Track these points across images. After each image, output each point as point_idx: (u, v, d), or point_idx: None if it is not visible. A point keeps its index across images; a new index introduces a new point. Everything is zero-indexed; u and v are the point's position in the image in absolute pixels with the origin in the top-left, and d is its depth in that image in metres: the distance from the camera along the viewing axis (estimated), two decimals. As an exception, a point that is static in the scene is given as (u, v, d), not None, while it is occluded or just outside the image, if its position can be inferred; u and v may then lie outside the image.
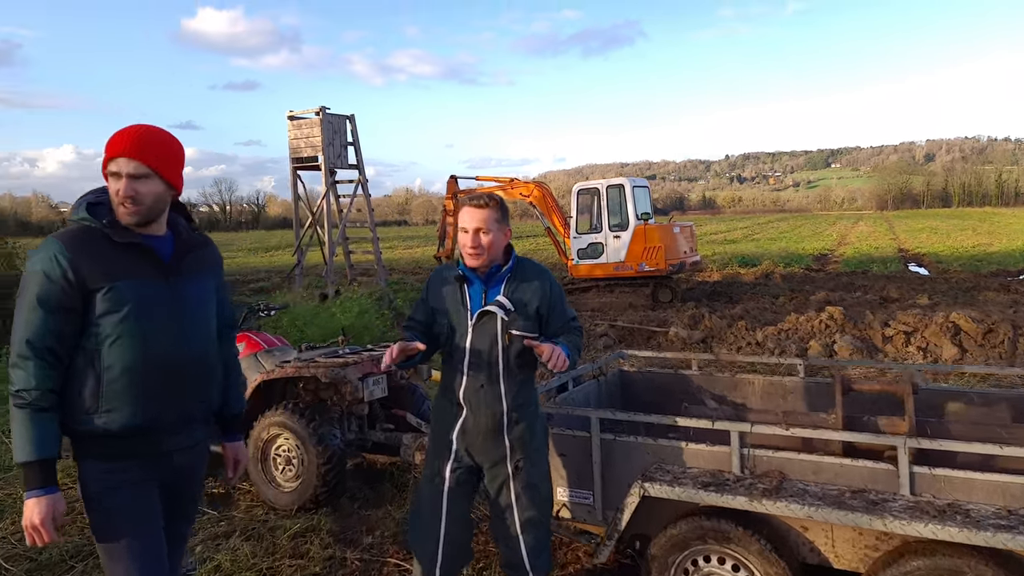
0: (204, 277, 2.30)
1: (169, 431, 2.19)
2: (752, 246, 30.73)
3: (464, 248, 2.65)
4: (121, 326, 2.05)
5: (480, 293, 2.66)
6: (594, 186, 14.18)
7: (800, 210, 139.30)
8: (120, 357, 2.05)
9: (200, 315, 2.26)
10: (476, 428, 2.68)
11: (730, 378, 4.43)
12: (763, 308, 12.81)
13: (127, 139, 2.08)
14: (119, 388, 2.06)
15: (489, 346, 2.64)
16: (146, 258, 2.13)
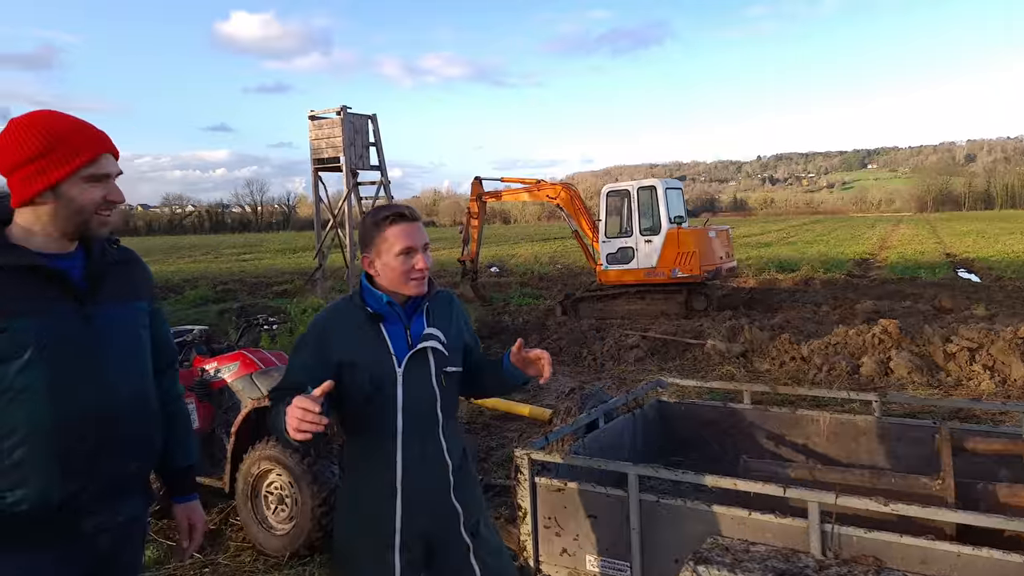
0: (130, 303, 1.82)
1: (93, 508, 1.70)
2: (788, 250, 29.69)
3: (404, 275, 2.02)
4: (21, 377, 1.58)
5: (402, 331, 2.06)
6: (624, 188, 13.51)
7: (835, 212, 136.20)
8: (23, 418, 1.59)
9: (129, 351, 1.79)
10: (422, 504, 2.05)
11: (790, 414, 3.80)
12: (805, 318, 12.05)
13: (99, 132, 1.71)
14: (24, 457, 1.60)
15: (424, 396, 2.05)
16: (51, 284, 1.65)
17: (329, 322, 2.06)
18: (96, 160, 1.67)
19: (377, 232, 2.03)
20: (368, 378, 1.98)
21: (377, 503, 2.02)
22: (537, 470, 2.95)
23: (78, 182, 1.65)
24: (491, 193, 15.13)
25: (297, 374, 1.99)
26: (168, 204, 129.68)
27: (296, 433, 1.69)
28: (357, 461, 2.07)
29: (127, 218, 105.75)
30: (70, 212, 1.65)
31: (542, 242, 40.83)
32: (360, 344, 2.01)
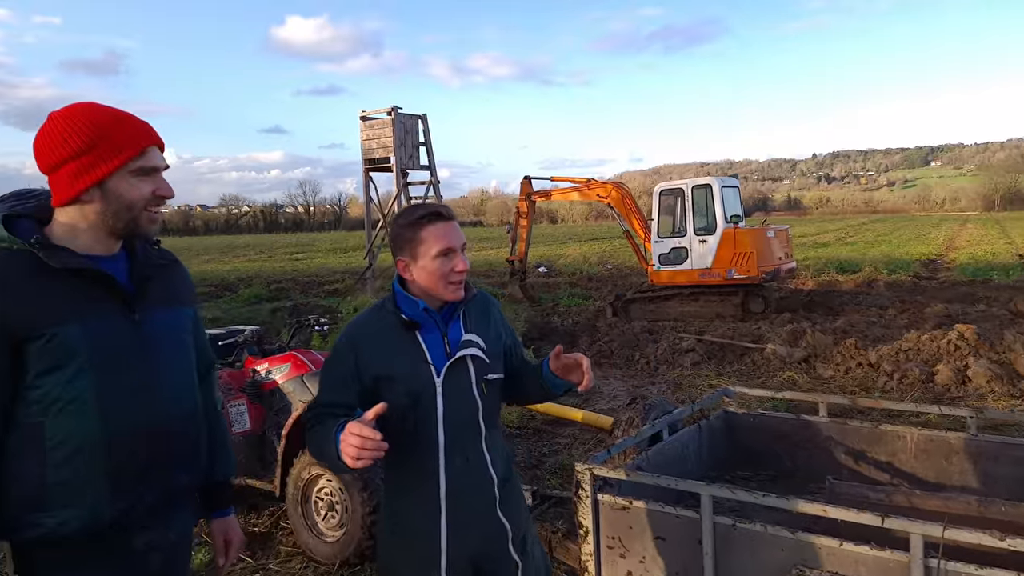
0: (176, 307, 1.73)
1: (145, 525, 1.61)
2: (848, 250, 28.66)
3: (443, 278, 1.87)
4: (71, 387, 1.48)
5: (440, 339, 1.91)
6: (678, 186, 13.15)
7: (895, 211, 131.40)
8: (73, 430, 1.49)
9: (178, 359, 1.69)
10: (468, 521, 1.91)
11: (872, 429, 3.51)
12: (870, 322, 11.51)
13: (143, 124, 1.60)
14: (74, 474, 1.49)
15: (465, 407, 1.91)
16: (99, 287, 1.55)
17: (362, 333, 1.91)
18: (144, 153, 1.57)
19: (412, 233, 1.88)
20: (406, 390, 1.84)
21: (421, 521, 1.88)
22: (599, 485, 2.75)
23: (126, 177, 1.55)
24: (540, 192, 14.94)
25: (334, 391, 1.87)
26: (225, 204, 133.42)
27: (355, 462, 1.58)
28: (397, 477, 1.92)
29: (187, 218, 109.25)
30: (119, 209, 1.55)
31: (590, 242, 40.42)
32: (396, 354, 1.87)
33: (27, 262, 1.48)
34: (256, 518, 4.41)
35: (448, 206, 1.98)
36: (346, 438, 1.58)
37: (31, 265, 1.48)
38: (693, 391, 7.64)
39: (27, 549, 1.52)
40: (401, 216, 1.93)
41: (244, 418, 4.30)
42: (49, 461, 1.48)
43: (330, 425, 1.71)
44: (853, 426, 3.54)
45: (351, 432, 1.58)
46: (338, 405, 1.83)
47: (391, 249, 1.95)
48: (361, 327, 1.93)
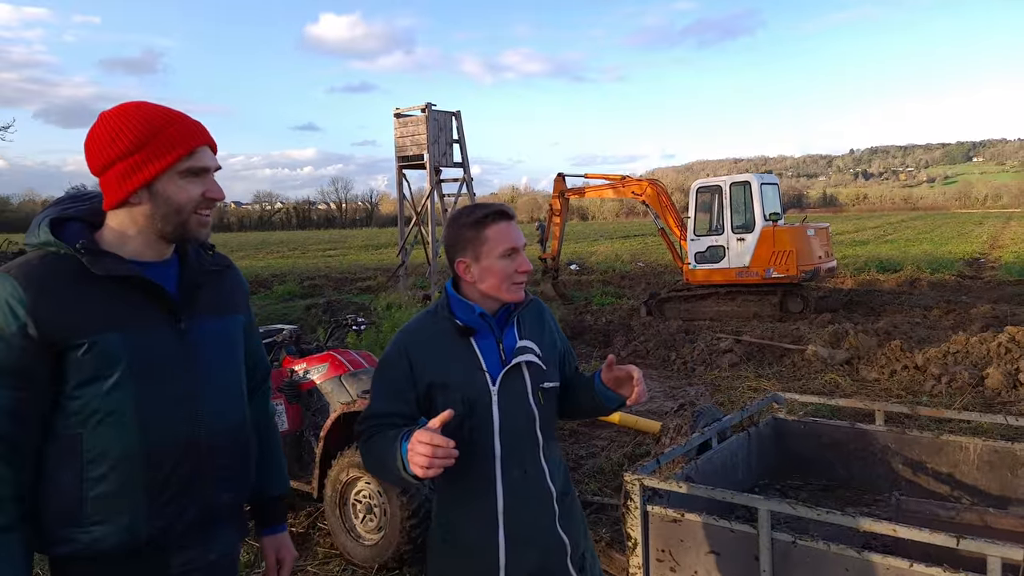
0: (227, 316, 1.66)
1: (183, 544, 1.54)
2: (888, 248, 27.92)
3: (507, 279, 1.79)
4: (111, 398, 1.43)
5: (495, 345, 1.83)
6: (716, 183, 12.90)
7: (935, 208, 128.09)
8: (111, 443, 1.44)
9: (225, 371, 1.62)
10: (527, 537, 1.81)
11: (932, 439, 3.35)
12: (914, 323, 11.16)
13: (195, 123, 1.54)
14: (111, 489, 1.44)
15: (521, 416, 1.82)
16: (144, 296, 1.49)
17: (415, 339, 1.82)
18: (193, 153, 1.50)
19: (476, 232, 1.79)
20: (461, 398, 1.76)
21: (478, 535, 1.79)
22: (648, 496, 2.65)
23: (174, 178, 1.48)
24: (574, 190, 14.79)
25: (389, 401, 1.79)
26: (259, 201, 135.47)
27: (426, 471, 1.51)
28: (452, 488, 1.82)
29: (222, 215, 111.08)
30: (167, 212, 1.49)
31: (622, 239, 40.08)
32: (451, 361, 1.79)
33: (71, 267, 1.43)
34: (294, 518, 4.38)
35: (508, 205, 1.91)
36: (414, 447, 1.52)
37: (75, 271, 1.43)
38: (732, 393, 7.47)
39: (61, 564, 1.48)
40: (462, 215, 1.84)
41: (282, 418, 4.28)
42: (86, 474, 1.43)
43: (391, 436, 1.64)
44: (912, 435, 3.39)
45: (420, 440, 1.51)
46: (394, 415, 1.76)
47: (448, 250, 1.85)
48: (414, 333, 1.84)
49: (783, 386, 7.70)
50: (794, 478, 3.65)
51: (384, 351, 1.84)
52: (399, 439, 1.59)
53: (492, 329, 1.83)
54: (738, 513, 3.03)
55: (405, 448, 1.56)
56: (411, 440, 1.54)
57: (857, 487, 3.51)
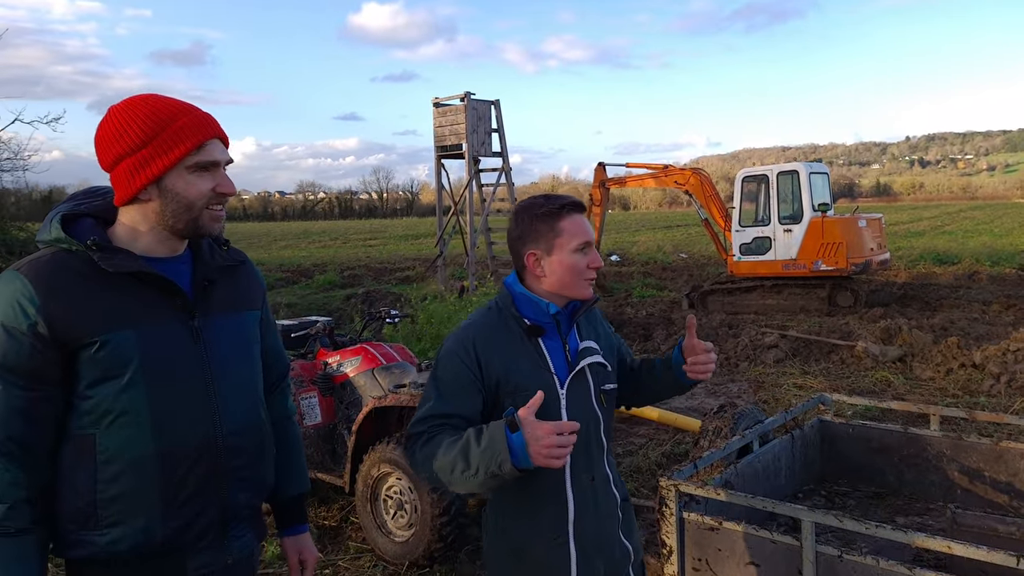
0: (242, 312, 1.61)
1: (200, 547, 1.50)
2: (945, 240, 26.88)
3: (580, 275, 1.70)
4: (124, 398, 1.39)
5: (560, 346, 1.74)
6: (762, 172, 12.55)
7: (995, 197, 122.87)
8: (125, 444, 1.40)
9: (241, 369, 1.57)
10: (596, 546, 1.72)
11: (991, 446, 3.15)
12: (972, 318, 10.70)
13: (205, 115, 1.48)
14: (126, 490, 1.41)
15: (587, 420, 1.72)
16: (156, 292, 1.45)
17: (482, 335, 1.70)
18: (202, 147, 1.45)
19: (550, 224, 1.70)
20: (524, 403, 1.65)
21: (548, 549, 1.69)
22: (685, 502, 2.54)
23: (183, 173, 1.43)
24: (615, 179, 14.57)
25: (454, 400, 1.65)
26: (302, 191, 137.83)
27: (555, 461, 1.41)
28: (517, 499, 1.70)
29: (266, 204, 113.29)
30: (177, 208, 1.45)
31: (664, 230, 39.52)
32: (519, 362, 1.68)
33: (83, 264, 1.40)
34: (326, 512, 4.39)
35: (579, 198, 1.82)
36: (538, 438, 1.40)
37: (87, 268, 1.40)
38: (776, 391, 7.24)
39: (77, 567, 1.45)
40: (534, 205, 1.73)
41: (315, 411, 4.28)
42: (100, 476, 1.40)
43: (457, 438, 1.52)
44: (970, 441, 3.19)
45: (545, 431, 1.40)
46: (458, 416, 1.63)
47: (516, 241, 1.74)
48: (479, 329, 1.72)
49: (830, 384, 7.44)
50: (841, 484, 3.48)
51: (445, 347, 1.72)
52: (501, 432, 1.45)
53: (559, 329, 1.75)
54: (780, 521, 2.89)
55: (519, 440, 1.42)
56: (528, 431, 1.41)
57: (908, 495, 3.33)
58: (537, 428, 1.41)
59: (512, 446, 1.42)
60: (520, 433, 1.42)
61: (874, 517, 2.99)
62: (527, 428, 1.42)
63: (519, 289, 1.75)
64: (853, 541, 2.67)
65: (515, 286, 1.76)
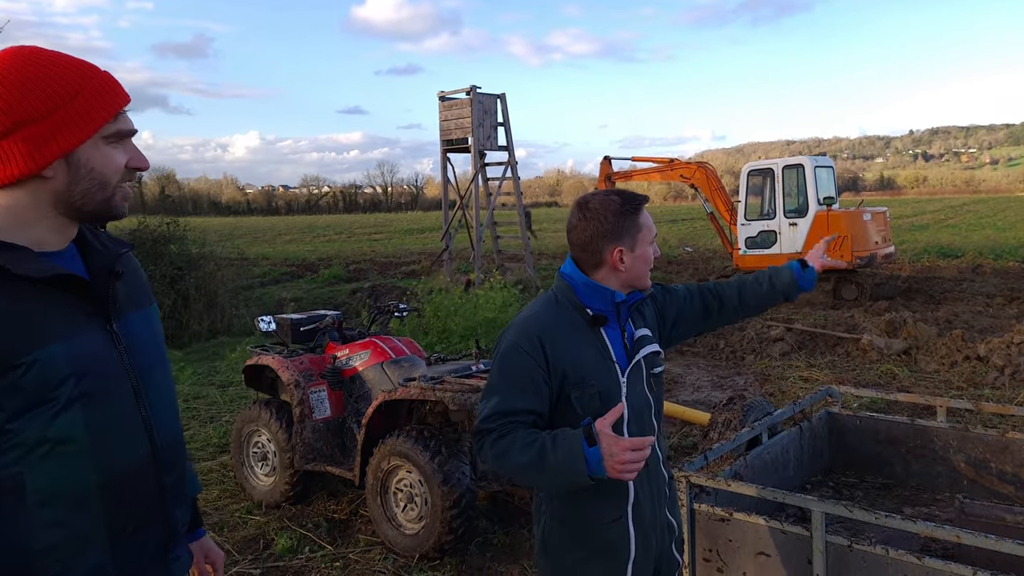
0: (145, 308, 1.40)
1: (147, 574, 1.33)
2: (949, 233, 26.83)
3: (649, 267, 1.82)
4: (58, 425, 1.15)
5: (619, 334, 1.81)
6: (768, 166, 12.55)
7: (998, 191, 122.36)
8: (63, 479, 1.17)
9: (163, 374, 1.40)
10: (650, 524, 1.80)
11: (997, 437, 3.17)
12: (976, 311, 10.72)
13: (111, 77, 1.26)
14: (70, 533, 1.19)
15: (643, 406, 1.80)
16: (70, 296, 1.22)
17: (545, 328, 1.71)
18: (120, 114, 1.24)
19: (633, 220, 1.77)
20: (598, 391, 1.71)
21: (608, 531, 1.75)
22: (695, 493, 2.57)
23: (99, 145, 1.21)
24: (621, 173, 14.58)
25: (525, 396, 1.67)
26: (306, 185, 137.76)
27: (626, 475, 1.48)
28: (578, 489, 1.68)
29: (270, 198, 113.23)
30: (91, 187, 1.22)
31: (669, 223, 39.43)
32: (584, 354, 1.73)
33: None
34: (336, 505, 4.42)
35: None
36: (614, 454, 1.46)
37: None
38: (783, 383, 7.26)
39: None
40: (613, 203, 1.77)
41: (324, 404, 4.31)
42: (34, 522, 1.15)
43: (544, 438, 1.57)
44: (976, 433, 3.21)
45: (617, 448, 1.46)
46: (528, 411, 1.66)
47: (597, 239, 1.75)
48: (543, 321, 1.74)
49: (836, 377, 7.46)
50: (848, 475, 3.51)
51: (508, 340, 1.73)
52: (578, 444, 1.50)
53: (618, 318, 1.81)
54: (789, 512, 2.92)
55: (595, 454, 1.48)
56: (604, 446, 1.48)
57: (916, 486, 3.36)
58: (614, 444, 1.47)
59: (588, 459, 1.49)
60: (597, 448, 1.48)
61: (882, 507, 3.01)
62: (604, 443, 1.48)
63: (581, 277, 1.79)
64: (862, 531, 2.70)
65: (576, 275, 1.80)
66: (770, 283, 2.09)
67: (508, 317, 8.67)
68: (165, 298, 10.40)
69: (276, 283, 17.90)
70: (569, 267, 1.82)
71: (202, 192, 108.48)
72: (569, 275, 1.80)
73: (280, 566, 3.75)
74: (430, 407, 3.93)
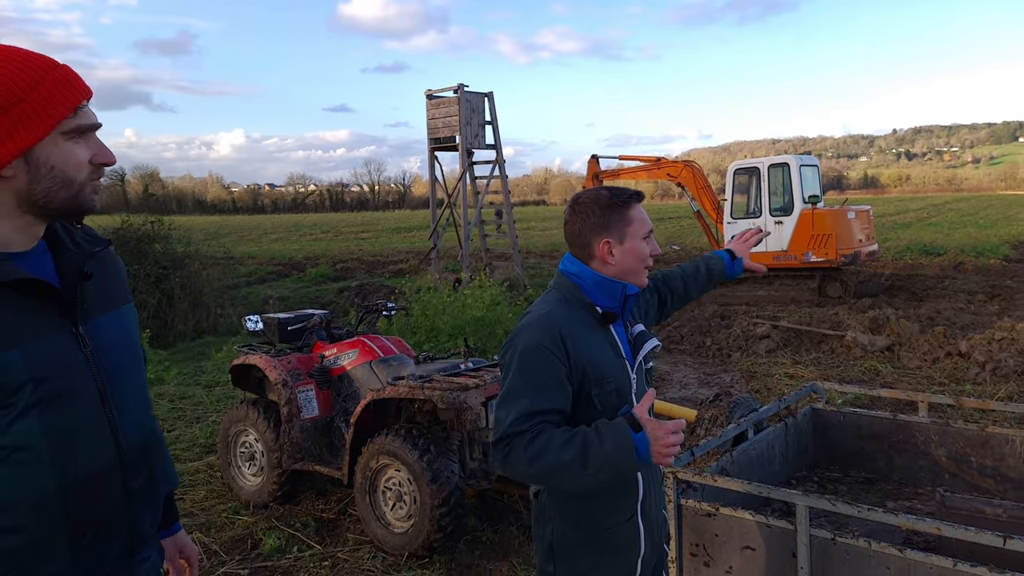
0: (119, 308, 1.37)
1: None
2: (931, 231, 27.16)
3: (643, 262, 1.81)
4: (14, 432, 1.14)
5: (623, 330, 1.85)
6: (754, 165, 12.64)
7: (980, 189, 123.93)
8: (20, 486, 1.15)
9: (134, 375, 1.36)
10: (653, 521, 1.85)
11: (977, 432, 3.22)
12: (958, 308, 10.87)
13: (71, 71, 1.23)
14: (27, 540, 1.16)
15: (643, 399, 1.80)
16: (33, 299, 1.19)
17: (565, 327, 1.69)
18: (80, 108, 1.21)
19: (622, 213, 1.78)
20: (614, 388, 1.72)
21: (622, 529, 1.77)
22: (682, 489, 2.59)
23: (58, 141, 1.18)
24: (608, 172, 14.62)
25: (551, 396, 1.63)
26: (292, 183, 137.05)
27: (668, 459, 1.53)
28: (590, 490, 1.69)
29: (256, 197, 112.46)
30: (53, 185, 1.19)
31: (656, 222, 39.45)
32: (601, 351, 1.74)
33: None
34: (324, 504, 4.42)
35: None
36: (659, 438, 1.50)
37: None
38: (768, 380, 7.33)
39: None
40: (602, 196, 1.79)
41: (312, 404, 4.31)
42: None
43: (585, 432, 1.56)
44: (957, 427, 3.26)
45: (661, 432, 1.50)
46: (556, 411, 1.64)
47: (586, 232, 1.78)
48: (560, 319, 1.71)
49: (821, 373, 7.54)
50: (832, 470, 3.55)
51: (527, 340, 1.68)
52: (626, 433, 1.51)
53: (622, 314, 1.82)
54: (775, 507, 2.96)
55: (643, 440, 1.51)
56: (650, 431, 1.51)
57: (898, 480, 3.40)
58: (658, 429, 1.51)
59: (638, 446, 1.51)
60: (643, 433, 1.51)
61: (865, 501, 3.05)
62: (649, 428, 1.51)
63: (591, 274, 1.78)
64: (845, 525, 2.74)
65: (585, 273, 1.79)
66: (707, 271, 2.27)
67: (496, 316, 8.69)
68: (150, 297, 10.34)
69: (262, 282, 17.82)
70: (574, 265, 1.81)
71: (187, 191, 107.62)
72: (576, 273, 1.80)
73: (268, 566, 3.75)
74: (419, 406, 3.94)
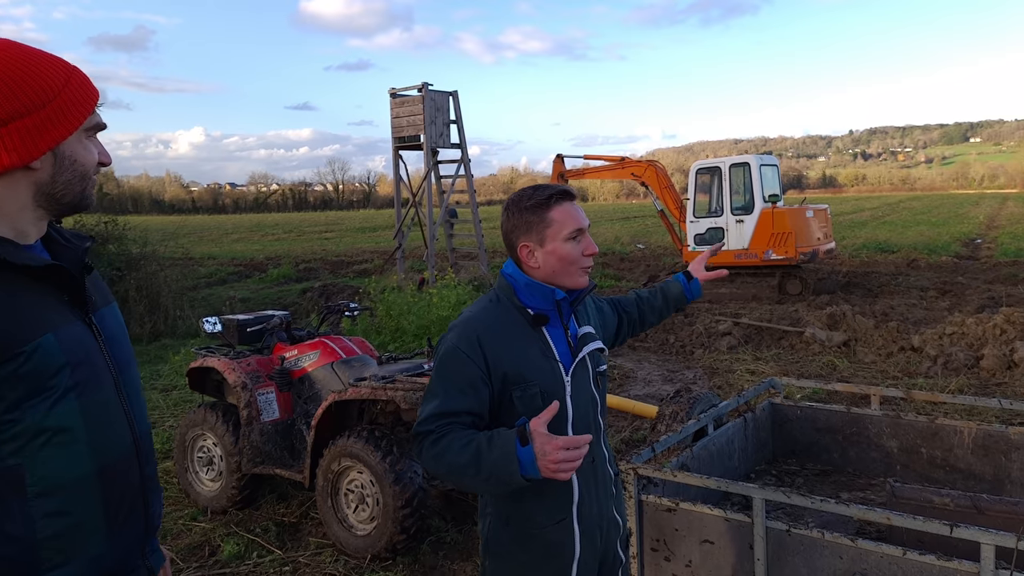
0: (113, 304, 1.43)
1: (135, 567, 1.33)
2: (886, 230, 27.88)
3: (574, 263, 1.74)
4: (57, 413, 1.17)
5: (563, 333, 1.78)
6: (715, 164, 12.83)
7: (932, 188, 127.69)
8: (63, 468, 1.18)
9: (135, 367, 1.43)
10: (594, 523, 1.79)
11: (927, 423, 3.32)
12: (911, 304, 11.17)
13: (82, 72, 1.29)
14: (71, 522, 1.19)
15: (587, 404, 1.78)
16: (54, 288, 1.24)
17: (485, 330, 1.69)
18: (96, 108, 1.29)
19: (540, 215, 1.72)
20: (540, 392, 1.68)
21: (552, 530, 1.73)
22: (643, 485, 2.62)
23: (81, 138, 1.25)
24: (573, 171, 14.70)
25: (461, 397, 1.64)
26: (254, 183, 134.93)
27: (563, 475, 1.47)
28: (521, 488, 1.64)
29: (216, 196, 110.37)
30: (72, 178, 1.25)
31: (622, 221, 39.98)
32: (526, 353, 1.70)
33: None
34: (285, 508, 4.36)
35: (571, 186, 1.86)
36: (547, 453, 1.45)
37: None
38: (730, 376, 7.45)
39: None
40: (523, 197, 1.75)
41: (273, 406, 4.24)
42: (36, 512, 1.16)
43: (468, 438, 1.55)
44: (907, 420, 3.36)
45: (555, 447, 1.44)
46: (467, 413, 1.64)
47: (509, 234, 1.76)
48: (482, 322, 1.71)
49: (781, 369, 7.69)
50: (790, 463, 3.63)
51: (448, 343, 1.70)
52: (511, 444, 1.49)
53: (561, 316, 1.77)
54: (734, 500, 3.01)
55: (528, 454, 1.47)
56: (537, 446, 1.46)
57: (852, 472, 3.49)
58: (546, 443, 1.46)
59: (522, 459, 1.47)
60: (530, 447, 1.47)
61: (820, 493, 3.13)
62: (538, 442, 1.46)
63: (523, 278, 1.76)
64: (801, 516, 2.80)
65: (518, 275, 1.77)
66: (663, 297, 2.21)
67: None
68: (105, 300, 10.04)
69: (223, 283, 17.49)
70: (510, 267, 1.81)
71: (143, 190, 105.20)
72: (510, 275, 1.79)
73: (227, 573, 3.68)
74: (381, 407, 3.91)
